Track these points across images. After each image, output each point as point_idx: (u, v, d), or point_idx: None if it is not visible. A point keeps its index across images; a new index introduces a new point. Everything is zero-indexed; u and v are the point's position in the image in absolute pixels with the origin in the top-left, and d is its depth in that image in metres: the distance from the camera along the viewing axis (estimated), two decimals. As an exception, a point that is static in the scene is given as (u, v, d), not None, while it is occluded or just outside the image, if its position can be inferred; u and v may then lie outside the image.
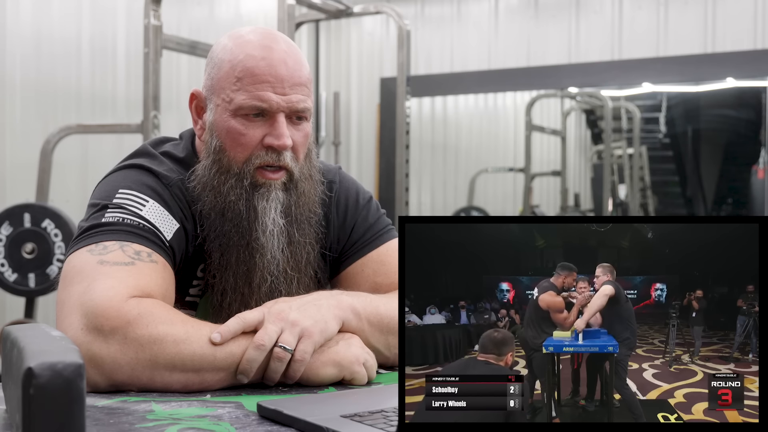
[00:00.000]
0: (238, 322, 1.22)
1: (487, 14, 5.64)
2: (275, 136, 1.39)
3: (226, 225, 1.41)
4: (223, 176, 1.41)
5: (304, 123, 1.44)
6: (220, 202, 1.41)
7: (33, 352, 0.79)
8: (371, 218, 1.58)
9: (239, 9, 5.37)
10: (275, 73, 1.38)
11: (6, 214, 3.67)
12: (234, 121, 1.40)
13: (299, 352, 1.21)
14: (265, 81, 1.38)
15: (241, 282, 1.42)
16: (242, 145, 1.40)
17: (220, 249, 1.42)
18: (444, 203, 6.28)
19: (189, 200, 1.43)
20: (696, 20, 5.04)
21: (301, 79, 1.41)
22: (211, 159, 1.42)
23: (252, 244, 1.41)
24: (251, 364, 1.19)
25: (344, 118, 6.05)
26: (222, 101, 1.41)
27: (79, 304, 1.21)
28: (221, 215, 1.41)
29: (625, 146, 6.41)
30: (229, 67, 1.40)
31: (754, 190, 5.79)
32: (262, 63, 1.38)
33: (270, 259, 1.42)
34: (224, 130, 1.41)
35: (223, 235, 1.41)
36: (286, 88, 1.39)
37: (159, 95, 3.62)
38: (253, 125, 1.40)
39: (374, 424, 0.98)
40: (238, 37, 1.43)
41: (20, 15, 4.06)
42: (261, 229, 1.41)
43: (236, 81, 1.39)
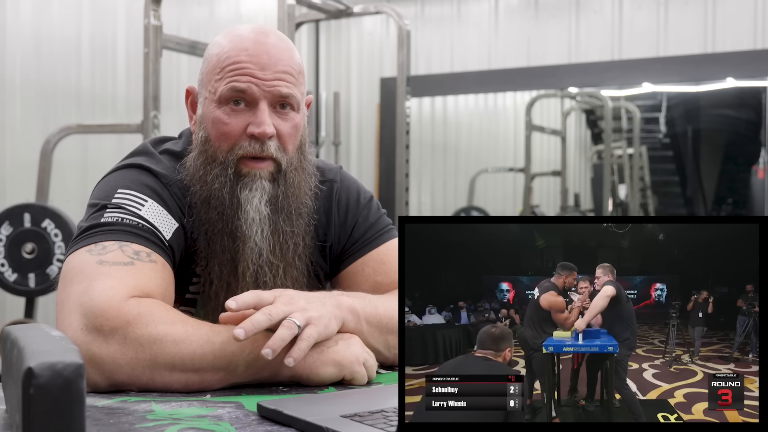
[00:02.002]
0: (253, 295, 1.22)
1: (487, 14, 5.64)
2: (256, 123, 1.39)
3: (211, 213, 1.41)
4: (209, 166, 1.41)
5: (291, 113, 1.43)
6: (205, 191, 1.41)
7: (33, 352, 0.79)
8: (372, 217, 1.58)
9: (239, 9, 5.37)
10: (257, 61, 1.39)
11: (6, 214, 3.67)
12: (219, 111, 1.41)
13: (305, 334, 1.20)
14: (246, 68, 1.39)
15: (226, 270, 1.42)
16: (226, 134, 1.40)
17: (206, 237, 1.42)
18: (444, 203, 6.28)
19: (188, 198, 1.43)
20: (696, 20, 5.04)
21: (285, 67, 1.40)
22: (198, 150, 1.43)
23: (235, 233, 1.41)
24: (254, 323, 1.17)
25: (344, 118, 6.05)
26: (208, 93, 1.42)
27: (79, 304, 1.21)
28: (207, 204, 1.41)
29: (625, 146, 6.41)
30: (216, 60, 1.42)
31: (754, 190, 5.79)
32: (245, 53, 1.39)
33: (252, 246, 1.42)
34: (210, 121, 1.42)
35: (208, 223, 1.41)
36: (268, 74, 1.39)
37: (159, 95, 3.62)
38: (236, 114, 1.40)
39: (374, 424, 0.98)
40: (230, 32, 1.45)
41: (20, 15, 4.06)
42: (243, 217, 1.41)
43: (219, 71, 1.40)
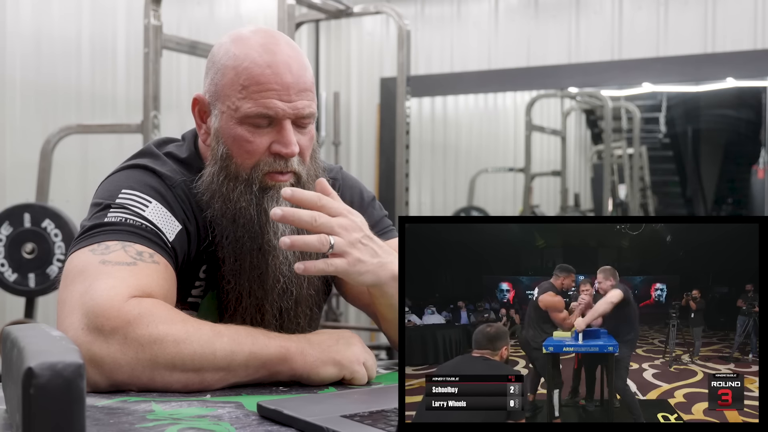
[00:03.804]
0: (315, 196, 1.30)
1: (487, 14, 5.64)
2: (283, 144, 1.40)
3: (238, 231, 1.41)
4: (232, 183, 1.41)
5: (309, 126, 1.44)
6: (230, 208, 1.41)
7: (33, 352, 0.79)
8: (375, 217, 1.59)
9: (239, 9, 5.37)
10: (281, 81, 1.38)
11: (6, 214, 3.67)
12: (240, 128, 1.40)
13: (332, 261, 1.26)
14: (271, 89, 1.38)
15: (255, 285, 1.43)
16: (249, 153, 1.40)
17: (233, 254, 1.42)
18: (444, 203, 6.28)
19: (192, 202, 1.43)
20: (696, 20, 5.04)
21: (306, 85, 1.41)
22: (218, 166, 1.42)
23: (264, 247, 1.42)
24: (294, 216, 1.25)
25: (344, 118, 6.04)
26: (227, 108, 1.41)
27: (80, 304, 1.21)
28: (232, 221, 1.41)
29: (625, 146, 6.41)
30: (233, 74, 1.40)
31: (754, 190, 5.78)
32: (268, 71, 1.38)
33: (282, 260, 1.43)
34: (231, 138, 1.41)
35: (236, 241, 1.42)
36: (292, 95, 1.39)
37: (159, 95, 3.62)
38: (259, 132, 1.40)
39: (374, 424, 0.98)
40: (240, 40, 1.42)
41: (20, 15, 4.06)
42: (272, 231, 1.41)
43: (242, 89, 1.39)
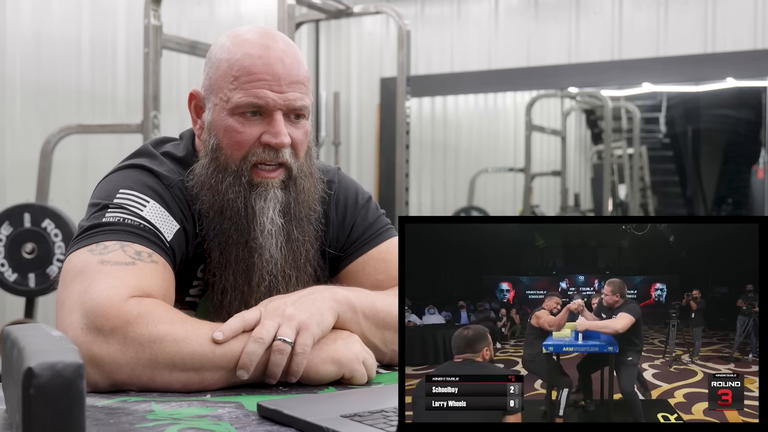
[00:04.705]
0: (238, 320, 1.22)
1: (487, 14, 5.64)
2: (273, 134, 1.39)
3: (225, 223, 1.41)
4: (221, 174, 1.41)
5: (303, 121, 1.44)
6: (218, 200, 1.41)
7: (33, 352, 0.79)
8: (371, 217, 1.58)
9: (239, 9, 5.37)
10: (272, 72, 1.38)
11: (6, 214, 3.67)
12: (231, 119, 1.40)
13: (299, 345, 1.21)
14: (262, 79, 1.38)
15: (240, 280, 1.42)
16: (239, 143, 1.40)
17: (219, 247, 1.42)
18: (444, 203, 6.29)
19: (189, 201, 1.43)
20: (696, 20, 5.04)
21: (298, 77, 1.41)
22: (209, 158, 1.43)
23: (250, 243, 1.41)
24: (251, 357, 1.19)
25: (344, 118, 6.05)
26: (220, 100, 1.41)
27: (80, 304, 1.21)
28: (220, 213, 1.41)
29: (625, 146, 6.42)
30: (226, 66, 1.40)
31: (754, 190, 5.79)
32: (259, 61, 1.39)
33: (268, 258, 1.42)
34: (221, 129, 1.41)
35: (222, 233, 1.41)
36: (283, 86, 1.39)
37: (159, 95, 3.62)
38: (250, 123, 1.40)
39: (374, 424, 0.98)
40: (236, 36, 1.43)
41: (20, 15, 4.06)
42: (259, 228, 1.41)
43: (233, 80, 1.39)
